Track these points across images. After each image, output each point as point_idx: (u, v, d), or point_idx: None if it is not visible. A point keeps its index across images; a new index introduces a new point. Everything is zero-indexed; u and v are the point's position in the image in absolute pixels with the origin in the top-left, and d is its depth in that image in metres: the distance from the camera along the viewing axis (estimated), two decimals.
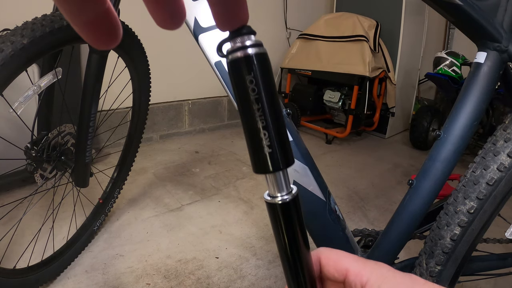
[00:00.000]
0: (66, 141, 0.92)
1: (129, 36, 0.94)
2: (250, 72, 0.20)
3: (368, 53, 2.15)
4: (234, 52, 0.20)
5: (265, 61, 0.20)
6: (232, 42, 0.20)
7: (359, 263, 0.24)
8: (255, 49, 0.20)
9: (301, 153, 0.59)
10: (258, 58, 0.20)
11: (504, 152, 0.56)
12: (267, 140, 0.20)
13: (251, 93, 0.20)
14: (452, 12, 0.58)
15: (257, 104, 0.20)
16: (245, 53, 0.20)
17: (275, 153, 0.21)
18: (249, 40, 0.20)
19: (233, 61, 0.20)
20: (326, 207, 0.61)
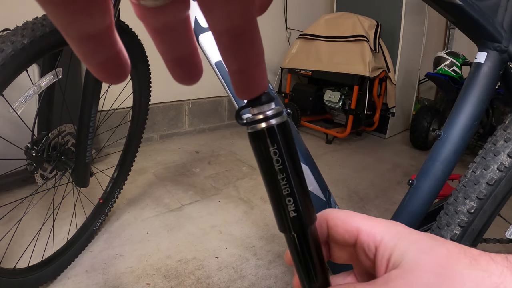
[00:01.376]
0: (66, 141, 0.92)
1: (129, 36, 0.94)
2: (274, 144, 0.20)
3: (368, 53, 2.15)
4: (256, 123, 0.20)
5: (287, 130, 0.20)
6: (253, 111, 0.20)
7: (372, 222, 0.22)
8: (278, 119, 0.20)
9: (301, 153, 0.59)
10: (281, 128, 0.20)
11: (504, 152, 0.56)
12: (292, 205, 0.21)
13: (275, 164, 0.20)
14: (452, 12, 0.58)
15: (282, 174, 0.20)
16: (268, 124, 0.20)
17: (300, 217, 0.21)
18: (270, 109, 0.20)
19: (255, 133, 0.20)
20: (326, 207, 0.61)
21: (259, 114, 0.20)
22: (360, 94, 2.25)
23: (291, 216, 0.21)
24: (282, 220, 0.22)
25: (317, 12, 2.90)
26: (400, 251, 0.20)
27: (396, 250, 0.20)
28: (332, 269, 0.64)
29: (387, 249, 0.20)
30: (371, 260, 0.22)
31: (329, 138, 2.42)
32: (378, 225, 0.22)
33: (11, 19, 1.13)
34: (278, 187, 0.21)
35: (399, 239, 0.20)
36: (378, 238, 0.21)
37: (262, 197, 1.54)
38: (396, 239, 0.20)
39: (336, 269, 0.65)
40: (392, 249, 0.20)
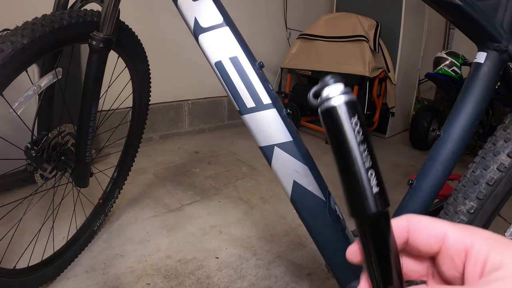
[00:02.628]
0: (66, 141, 0.92)
1: (129, 36, 0.94)
2: (355, 114, 0.21)
3: (368, 53, 2.15)
4: (336, 96, 0.21)
5: (358, 106, 0.21)
6: (328, 90, 0.21)
7: (458, 226, 0.21)
8: (351, 94, 0.21)
9: (301, 153, 0.58)
10: (356, 102, 0.21)
11: (504, 152, 0.56)
12: (375, 179, 0.20)
13: (356, 136, 0.20)
14: (452, 12, 0.58)
15: (363, 145, 0.21)
16: (350, 97, 0.21)
17: (383, 191, 0.21)
18: (343, 87, 0.21)
19: (333, 108, 0.21)
20: (326, 207, 0.61)
21: (338, 89, 0.21)
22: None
23: (374, 192, 0.20)
24: (361, 198, 0.20)
25: (317, 12, 2.90)
26: (497, 254, 0.19)
27: (493, 254, 0.19)
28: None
29: (480, 253, 0.20)
30: (456, 268, 0.21)
31: None
32: (464, 229, 0.21)
33: (11, 19, 1.13)
34: (360, 160, 0.20)
35: (492, 243, 0.20)
36: (468, 242, 0.20)
37: (262, 197, 1.54)
38: (489, 243, 0.20)
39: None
40: (487, 253, 0.19)
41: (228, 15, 0.59)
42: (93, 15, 0.77)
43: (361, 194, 0.20)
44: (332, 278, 0.68)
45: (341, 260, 0.63)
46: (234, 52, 0.58)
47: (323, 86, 0.21)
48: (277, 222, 1.35)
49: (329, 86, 0.21)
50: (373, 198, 0.20)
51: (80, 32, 0.75)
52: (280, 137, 0.58)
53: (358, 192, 0.21)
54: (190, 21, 0.59)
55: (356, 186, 0.20)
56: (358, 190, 0.20)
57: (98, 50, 0.76)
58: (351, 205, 0.21)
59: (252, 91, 0.57)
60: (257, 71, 0.58)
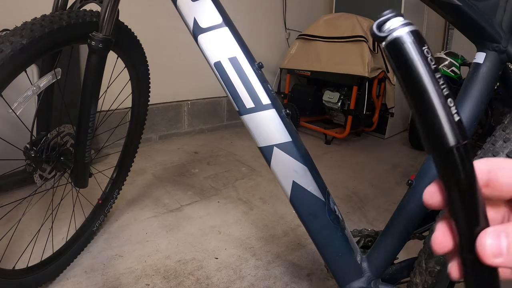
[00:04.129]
0: (65, 142, 0.92)
1: (128, 36, 0.94)
2: (424, 43, 0.20)
3: (367, 54, 2.16)
4: (402, 27, 0.20)
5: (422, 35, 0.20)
6: (391, 22, 0.20)
7: None
8: (415, 25, 0.20)
9: (300, 154, 0.58)
10: (420, 32, 0.20)
11: (503, 153, 0.56)
12: (454, 108, 0.19)
13: (430, 63, 0.19)
14: (451, 12, 0.59)
15: (438, 73, 0.20)
16: (415, 27, 0.20)
17: (462, 121, 0.20)
18: (403, 19, 0.20)
19: (403, 37, 0.20)
20: (325, 208, 0.61)
21: (398, 22, 0.20)
22: (359, 94, 2.25)
23: (456, 120, 0.19)
24: (444, 129, 0.19)
25: (316, 13, 2.90)
26: None
27: None
28: None
29: None
30: None
31: (328, 139, 2.42)
32: None
33: (10, 19, 1.13)
34: (438, 89, 0.19)
35: None
36: None
37: (261, 197, 1.54)
38: None
39: None
40: None
41: (228, 15, 0.59)
42: (92, 15, 0.77)
43: (443, 125, 0.19)
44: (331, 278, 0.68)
45: (341, 260, 0.63)
46: (233, 52, 0.58)
47: (386, 20, 0.20)
48: (277, 223, 1.35)
49: (391, 20, 0.20)
50: (456, 127, 0.19)
51: (79, 33, 0.75)
52: (279, 137, 0.58)
53: (439, 124, 0.19)
54: (189, 21, 0.59)
55: (437, 117, 0.19)
56: (440, 121, 0.19)
57: (97, 51, 0.76)
58: (433, 139, 0.20)
59: (251, 92, 0.57)
60: (256, 72, 0.58)
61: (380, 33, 0.20)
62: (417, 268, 0.61)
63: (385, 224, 0.66)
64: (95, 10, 0.79)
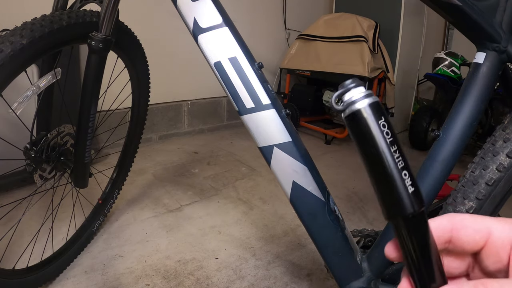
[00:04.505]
0: (65, 142, 0.92)
1: (128, 36, 0.94)
2: (381, 116, 0.20)
3: (367, 54, 2.16)
4: (358, 101, 0.20)
5: (382, 106, 0.21)
6: (351, 94, 0.21)
7: (502, 221, 0.22)
8: (374, 97, 0.21)
9: (300, 154, 0.59)
10: (380, 103, 0.21)
11: (503, 152, 0.56)
12: (409, 179, 0.20)
13: (386, 137, 0.20)
14: (451, 12, 0.59)
15: (394, 146, 0.21)
16: (373, 99, 0.20)
17: (418, 191, 0.20)
18: (364, 90, 0.21)
19: (358, 112, 0.20)
20: (325, 208, 0.61)
21: (358, 94, 0.20)
22: None
23: (410, 192, 0.20)
24: (397, 199, 0.20)
25: (316, 13, 2.90)
26: None
27: None
28: None
29: None
30: (501, 261, 0.21)
31: (328, 139, 2.42)
32: (509, 223, 0.21)
33: (10, 19, 1.13)
34: (392, 162, 0.20)
35: None
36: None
37: (261, 197, 1.54)
38: None
39: None
40: None
41: (227, 15, 0.59)
42: (92, 15, 0.77)
43: (397, 196, 0.20)
44: (332, 278, 0.68)
45: (341, 260, 0.63)
46: (233, 52, 0.58)
47: (345, 91, 0.21)
48: (277, 223, 1.35)
49: (351, 90, 0.21)
50: (409, 198, 0.20)
51: (79, 33, 0.75)
52: (279, 137, 0.58)
53: (394, 194, 0.20)
54: (190, 21, 0.59)
55: (391, 188, 0.20)
56: (394, 192, 0.20)
57: (97, 51, 0.76)
58: (387, 208, 0.21)
59: (251, 92, 0.57)
60: (256, 72, 0.58)
61: (336, 106, 0.21)
62: None
63: (385, 224, 0.66)
64: (95, 10, 0.79)
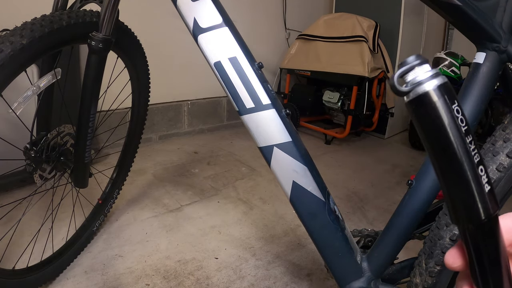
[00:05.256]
0: (65, 142, 0.92)
1: (128, 36, 0.94)
2: (454, 100, 0.16)
3: (367, 54, 2.16)
4: (428, 80, 0.16)
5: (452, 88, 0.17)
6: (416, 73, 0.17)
7: None
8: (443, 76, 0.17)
9: (300, 154, 0.58)
10: (450, 85, 0.17)
11: (503, 153, 0.56)
12: (485, 176, 0.17)
13: (460, 124, 0.17)
14: (451, 12, 0.59)
15: (469, 136, 0.17)
16: (443, 80, 0.16)
17: (493, 190, 0.17)
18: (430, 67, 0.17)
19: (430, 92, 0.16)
20: (325, 208, 0.61)
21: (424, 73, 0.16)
22: (359, 94, 2.25)
23: (486, 191, 0.16)
24: (473, 201, 0.17)
25: (316, 13, 2.90)
26: None
27: None
28: None
29: None
30: None
31: (328, 139, 2.42)
32: None
33: (10, 19, 1.13)
34: (468, 156, 0.16)
35: None
36: None
37: (261, 197, 1.54)
38: None
39: None
40: None
41: (228, 15, 0.59)
42: (92, 15, 0.77)
43: (472, 198, 0.17)
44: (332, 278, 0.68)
45: (341, 260, 0.63)
46: (233, 52, 0.58)
47: (409, 69, 0.17)
48: (276, 223, 1.35)
49: (416, 69, 0.17)
50: (485, 200, 0.17)
51: (79, 33, 0.75)
52: (279, 137, 0.58)
53: (469, 196, 0.17)
54: (189, 21, 0.59)
55: (466, 188, 0.17)
56: (469, 193, 0.17)
57: (97, 51, 0.76)
58: (459, 211, 0.18)
59: (251, 92, 0.57)
60: (256, 72, 0.58)
61: (402, 88, 0.17)
62: (417, 268, 0.61)
63: (385, 224, 0.66)
64: (95, 10, 0.79)
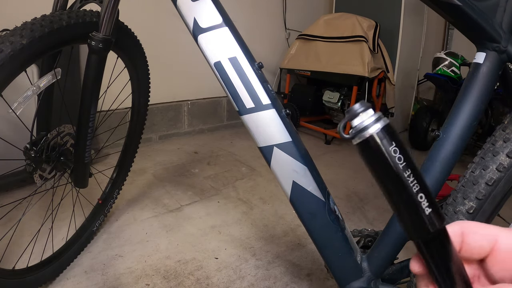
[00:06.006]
0: (65, 142, 0.92)
1: (128, 36, 0.94)
2: (392, 141, 0.20)
3: (367, 54, 2.16)
4: (368, 128, 0.19)
5: (393, 129, 0.20)
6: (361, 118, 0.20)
7: (508, 230, 0.23)
8: (384, 119, 0.20)
9: (300, 154, 0.59)
10: (391, 127, 0.20)
11: (503, 152, 0.56)
12: (425, 201, 0.20)
13: (398, 162, 0.20)
14: (451, 12, 0.59)
15: (407, 170, 0.20)
16: (384, 124, 0.19)
17: (437, 211, 0.21)
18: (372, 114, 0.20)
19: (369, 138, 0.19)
20: (325, 208, 0.61)
21: (366, 120, 0.20)
22: (359, 94, 2.25)
23: (427, 213, 0.20)
24: (417, 222, 0.21)
25: (316, 13, 2.90)
26: None
27: None
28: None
29: None
30: (507, 269, 0.22)
31: (328, 139, 2.42)
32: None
33: (10, 19, 1.13)
34: (407, 186, 0.20)
35: None
36: None
37: (261, 197, 1.54)
38: None
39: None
40: None
41: (227, 15, 0.59)
42: (92, 15, 0.77)
43: (415, 219, 0.21)
44: (332, 278, 0.68)
45: (340, 260, 0.63)
46: (233, 52, 0.58)
47: (353, 116, 0.20)
48: (276, 223, 1.35)
49: (360, 115, 0.20)
50: (427, 220, 0.21)
51: (79, 33, 0.75)
52: (279, 137, 0.58)
53: (412, 218, 0.21)
54: (190, 21, 0.59)
55: (409, 212, 0.21)
56: (412, 216, 0.21)
57: (97, 51, 0.76)
58: (409, 231, 0.22)
59: (251, 92, 0.57)
60: (256, 72, 0.58)
61: (344, 134, 0.21)
62: None
63: (385, 224, 0.66)
64: (95, 10, 0.79)
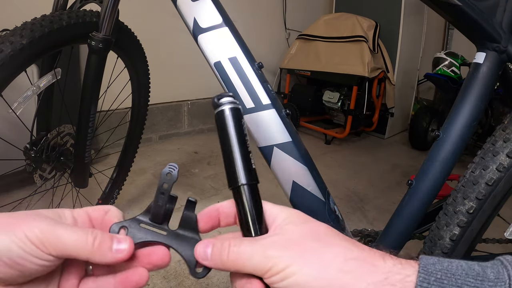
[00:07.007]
0: (65, 142, 0.92)
1: (128, 36, 0.94)
2: (238, 117, 0.31)
3: (367, 54, 2.16)
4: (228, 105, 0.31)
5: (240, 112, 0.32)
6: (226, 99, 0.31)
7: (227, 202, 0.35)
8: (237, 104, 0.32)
9: (300, 154, 0.58)
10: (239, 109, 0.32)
11: (503, 152, 0.56)
12: (252, 160, 0.31)
13: (244, 131, 0.31)
14: (451, 12, 0.59)
15: (247, 137, 0.31)
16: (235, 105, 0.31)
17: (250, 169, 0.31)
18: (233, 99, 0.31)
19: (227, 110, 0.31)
20: (325, 208, 0.61)
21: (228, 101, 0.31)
22: (359, 94, 2.25)
23: (253, 167, 0.30)
24: (247, 172, 0.29)
25: (316, 13, 2.90)
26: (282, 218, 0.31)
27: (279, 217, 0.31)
28: None
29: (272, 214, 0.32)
30: None
31: (328, 139, 2.42)
32: None
33: (10, 19, 1.13)
34: (233, 147, 0.30)
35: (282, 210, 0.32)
36: None
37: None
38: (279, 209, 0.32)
39: None
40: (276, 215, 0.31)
41: (228, 15, 0.59)
42: (92, 15, 0.77)
43: (246, 169, 0.30)
44: None
45: None
46: (233, 52, 0.58)
47: (224, 96, 0.31)
48: None
49: (227, 98, 0.31)
50: (253, 172, 0.30)
51: (79, 33, 0.75)
52: (279, 137, 0.58)
53: (244, 168, 0.30)
54: (190, 21, 0.59)
55: (242, 163, 0.30)
56: (244, 166, 0.30)
57: (97, 51, 0.76)
58: (229, 179, 0.30)
59: (251, 92, 0.57)
60: (256, 72, 0.58)
61: (215, 104, 0.31)
62: None
63: (385, 224, 0.66)
64: (95, 10, 0.79)
